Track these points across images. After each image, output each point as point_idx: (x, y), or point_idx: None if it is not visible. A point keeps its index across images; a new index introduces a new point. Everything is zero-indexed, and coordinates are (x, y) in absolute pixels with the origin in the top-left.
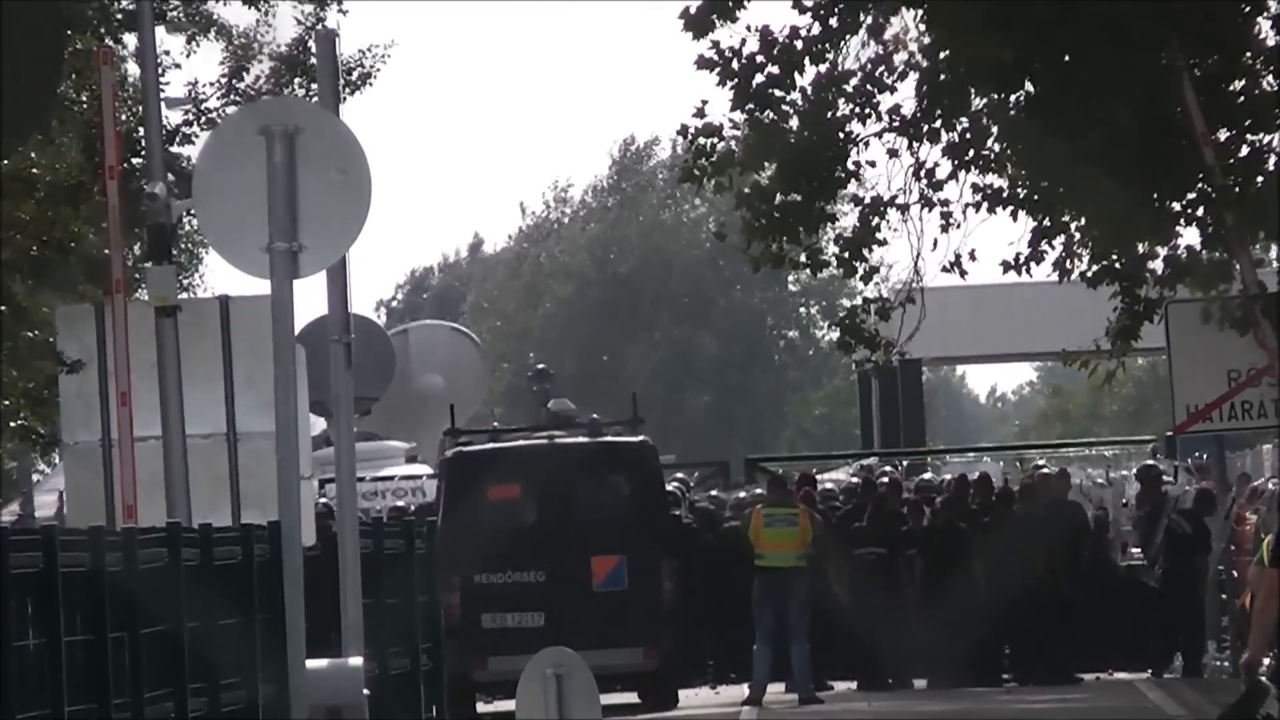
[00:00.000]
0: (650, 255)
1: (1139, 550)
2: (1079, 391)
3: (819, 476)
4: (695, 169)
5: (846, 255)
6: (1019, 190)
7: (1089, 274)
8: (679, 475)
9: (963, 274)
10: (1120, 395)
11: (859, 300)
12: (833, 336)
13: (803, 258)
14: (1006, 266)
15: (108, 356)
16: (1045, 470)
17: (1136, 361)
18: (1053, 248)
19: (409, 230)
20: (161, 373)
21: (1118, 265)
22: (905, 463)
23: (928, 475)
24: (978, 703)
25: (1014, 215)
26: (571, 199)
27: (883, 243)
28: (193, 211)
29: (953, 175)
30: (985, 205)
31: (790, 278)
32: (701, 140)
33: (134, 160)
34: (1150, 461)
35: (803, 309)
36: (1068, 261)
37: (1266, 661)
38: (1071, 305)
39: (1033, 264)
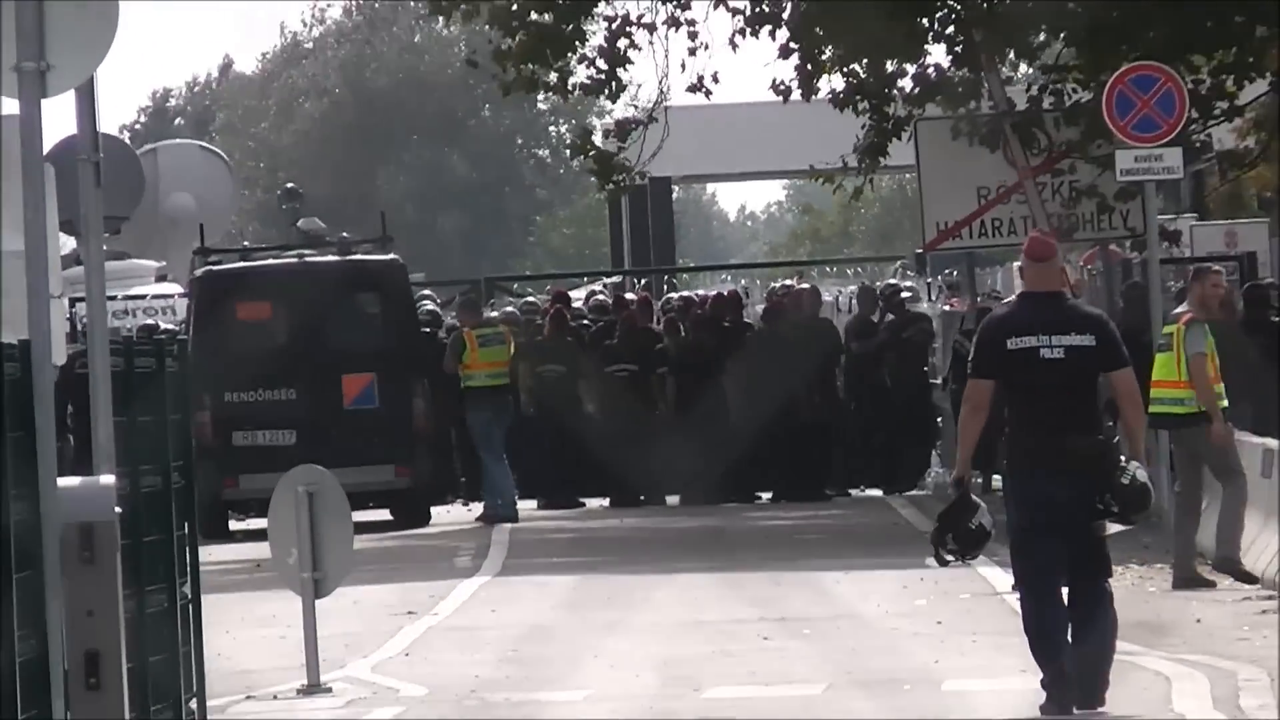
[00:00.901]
0: (402, 76)
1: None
2: (829, 211)
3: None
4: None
5: (601, 76)
6: (774, 11)
7: (840, 94)
8: (425, 293)
9: (707, 94)
10: (869, 216)
11: (608, 123)
12: (575, 164)
13: (553, 78)
14: (777, 90)
15: None
16: (798, 287)
17: (881, 181)
18: (805, 67)
19: (153, 53)
20: None
21: (867, 83)
22: (644, 281)
23: (678, 294)
24: (729, 519)
25: (772, 35)
26: (329, 18)
27: (629, 62)
28: None
29: None
30: (745, 28)
31: (540, 98)
32: None
33: None
34: (892, 280)
35: (553, 129)
36: (815, 80)
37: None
38: (822, 124)
39: (807, 89)
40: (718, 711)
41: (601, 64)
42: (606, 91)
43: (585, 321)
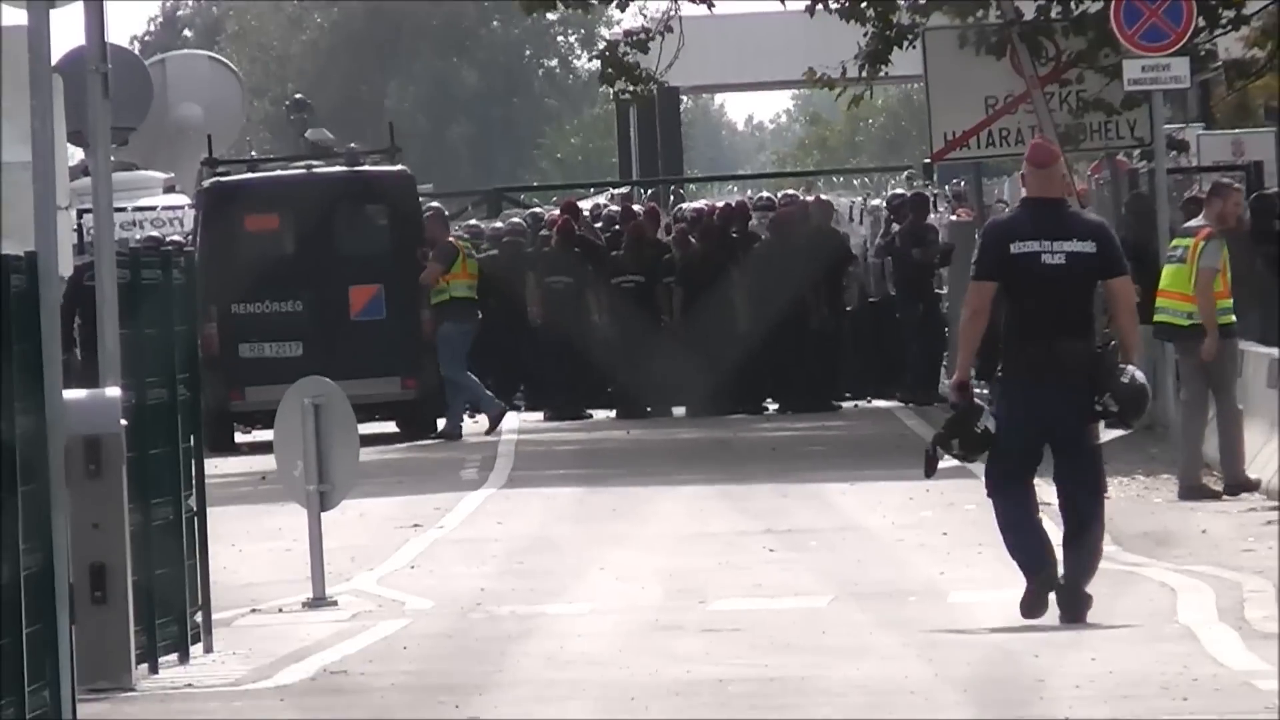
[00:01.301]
0: None
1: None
2: (836, 121)
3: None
4: None
5: None
6: None
7: (844, 2)
8: (434, 204)
9: (710, 6)
10: (876, 125)
11: (618, 32)
12: (592, 67)
13: None
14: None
15: None
16: (805, 198)
17: (887, 91)
18: None
19: None
20: None
21: None
22: (650, 192)
23: (689, 205)
24: (736, 430)
25: None
26: None
27: None
28: None
29: None
30: None
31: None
32: None
33: None
34: (898, 190)
35: (561, 39)
36: None
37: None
38: (830, 33)
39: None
40: (722, 623)
41: None
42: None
43: (598, 227)
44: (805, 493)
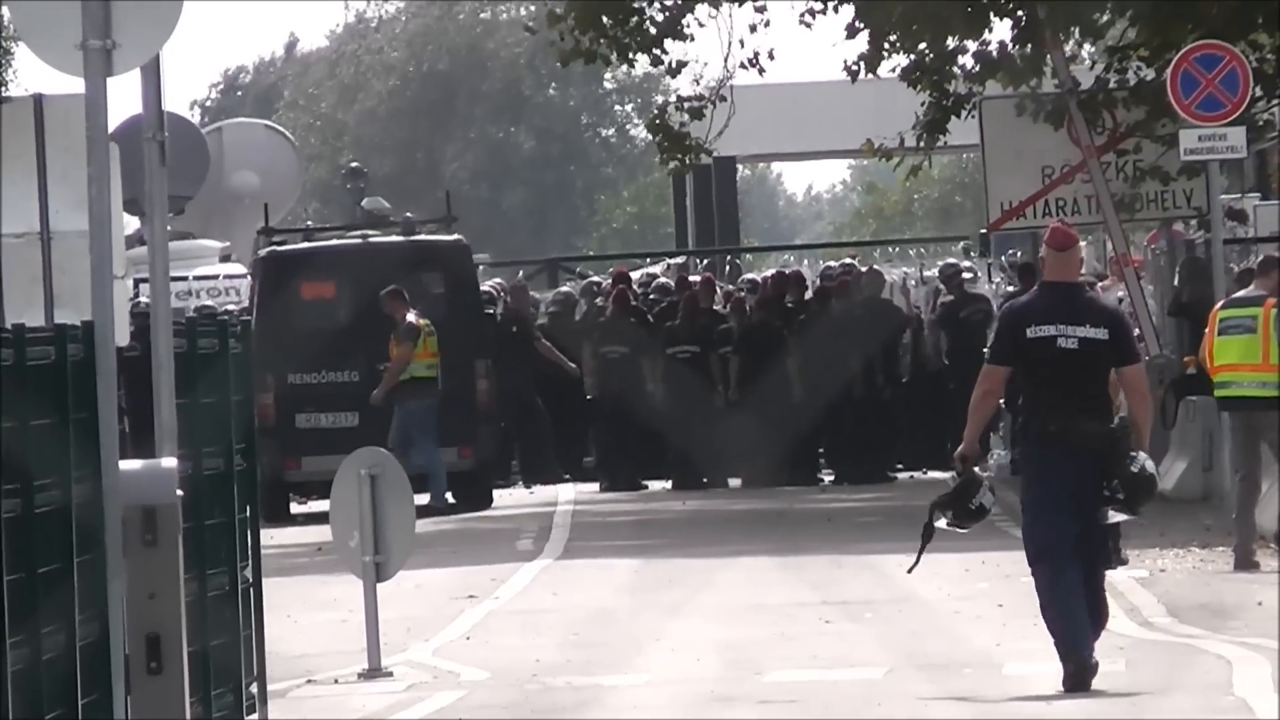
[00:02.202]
0: (468, 53)
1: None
2: (892, 190)
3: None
4: None
5: (654, 50)
6: None
7: (900, 70)
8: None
9: (761, 72)
10: (931, 195)
11: (671, 98)
12: (647, 136)
13: (612, 55)
14: (850, 73)
15: None
16: (858, 268)
17: (943, 159)
18: (875, 45)
19: (223, 31)
20: None
21: (927, 59)
22: (705, 261)
23: (747, 275)
24: (791, 500)
25: (835, 8)
26: None
27: (689, 37)
28: (4, 7)
29: None
30: (814, 5)
31: (606, 76)
32: None
33: None
34: (951, 260)
35: (618, 107)
36: (878, 58)
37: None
38: (886, 103)
39: (873, 67)
40: (779, 695)
41: (652, 31)
42: (665, 66)
43: (652, 299)
44: (861, 563)
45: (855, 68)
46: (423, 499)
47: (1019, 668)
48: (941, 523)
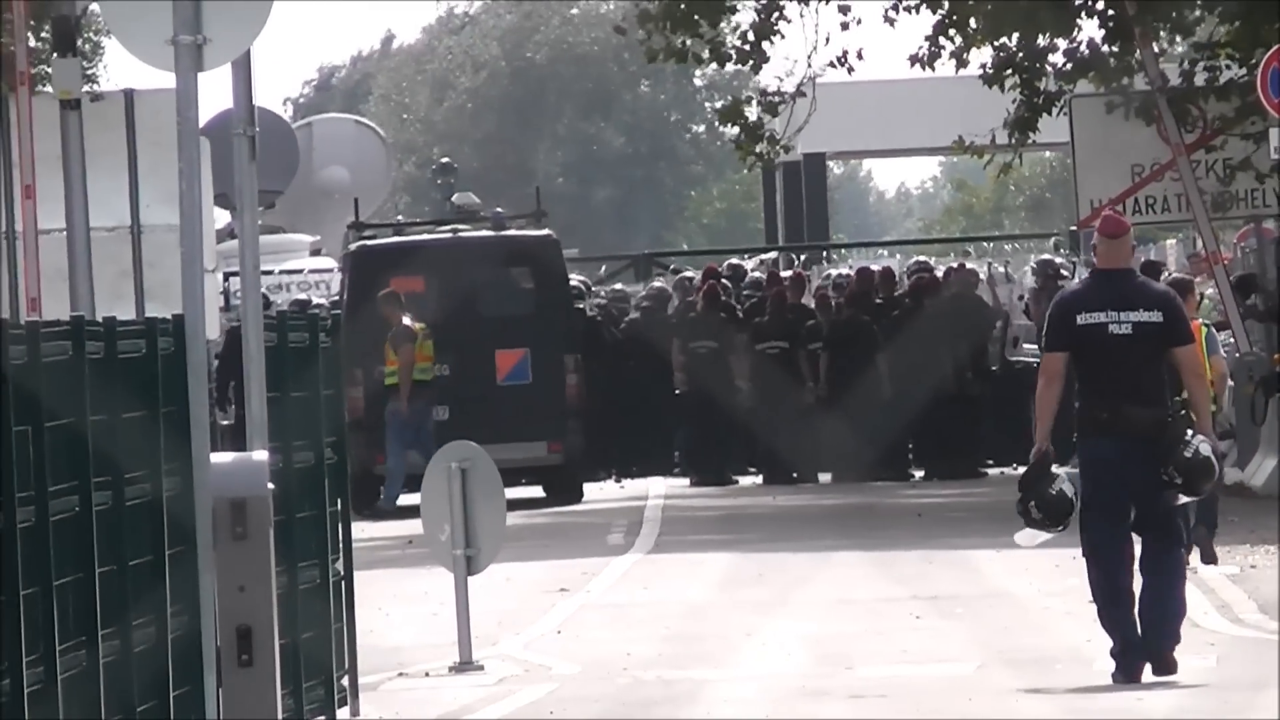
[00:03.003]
0: (558, 49)
1: (1032, 345)
2: (982, 187)
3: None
4: None
5: (746, 47)
6: None
7: (988, 68)
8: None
9: (849, 70)
10: (1023, 192)
11: (745, 96)
12: (733, 132)
13: (705, 52)
14: (913, 60)
15: (12, 150)
16: (947, 265)
17: (1044, 155)
18: (951, 41)
19: (322, 29)
20: (66, 166)
21: (1018, 57)
22: (805, 257)
23: (831, 270)
24: (882, 497)
25: (916, 9)
26: None
27: (780, 35)
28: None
29: None
30: (897, 4)
31: (696, 73)
32: None
33: None
34: (1046, 256)
35: (708, 104)
36: (965, 54)
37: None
38: (975, 100)
39: (934, 59)
40: (869, 690)
41: (749, 35)
42: (751, 62)
43: (746, 293)
44: (951, 559)
45: (925, 54)
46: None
47: (1110, 663)
48: (1023, 534)
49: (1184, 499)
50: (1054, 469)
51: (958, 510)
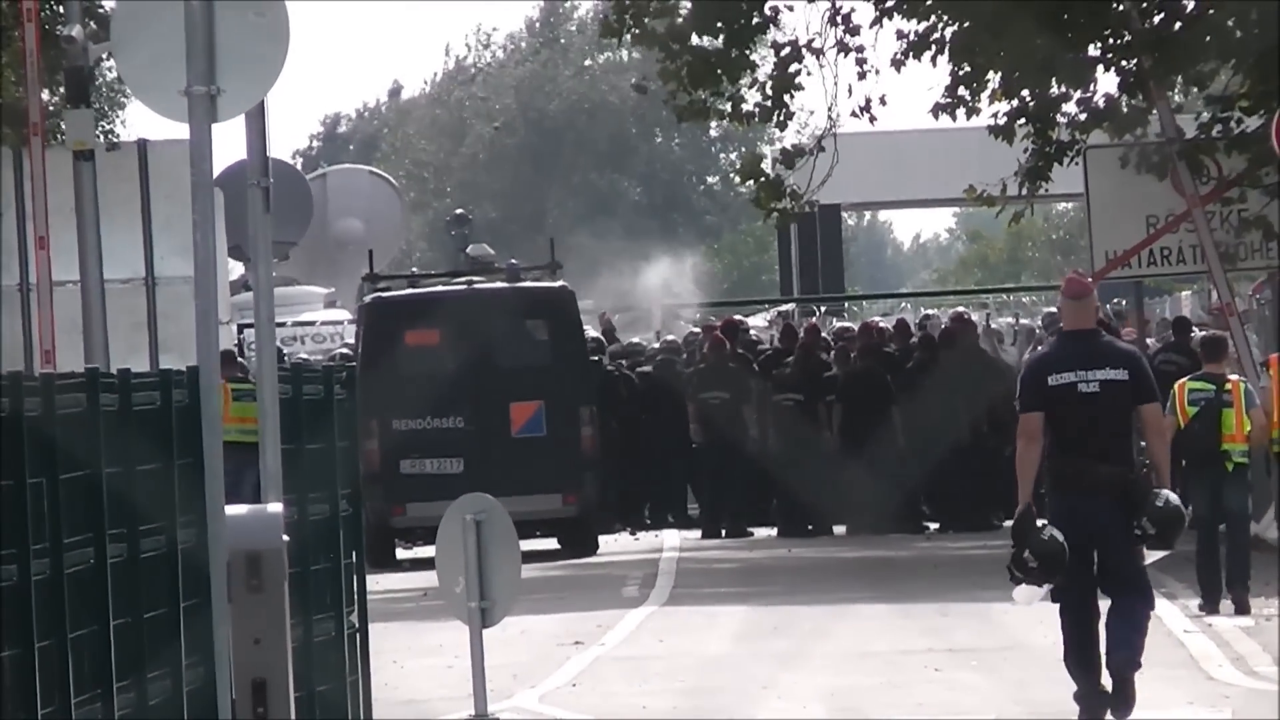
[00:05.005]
0: (572, 101)
1: None
2: (998, 238)
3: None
4: (614, 20)
5: (768, 103)
6: (940, 35)
7: (1001, 119)
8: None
9: (872, 120)
10: (1040, 243)
11: (764, 150)
12: (750, 184)
13: (726, 108)
14: (938, 109)
15: (26, 201)
16: (948, 316)
17: (1055, 208)
18: (972, 95)
19: (326, 79)
20: (80, 217)
21: (1030, 106)
22: (824, 309)
23: (846, 322)
24: (897, 549)
25: (934, 61)
26: (494, 44)
27: (799, 88)
28: (111, 55)
29: (877, 21)
30: (908, 51)
31: (711, 125)
32: None
33: (52, 3)
34: (1055, 309)
35: (723, 156)
36: (977, 102)
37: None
38: (990, 151)
39: (956, 110)
40: None
41: (769, 90)
42: (776, 118)
43: (761, 348)
44: (968, 611)
45: (941, 103)
46: None
47: None
48: (1021, 591)
49: (1153, 555)
50: (1034, 516)
51: (974, 562)
